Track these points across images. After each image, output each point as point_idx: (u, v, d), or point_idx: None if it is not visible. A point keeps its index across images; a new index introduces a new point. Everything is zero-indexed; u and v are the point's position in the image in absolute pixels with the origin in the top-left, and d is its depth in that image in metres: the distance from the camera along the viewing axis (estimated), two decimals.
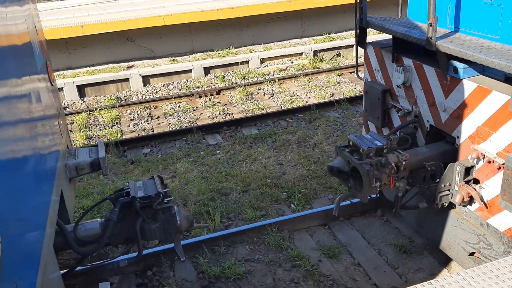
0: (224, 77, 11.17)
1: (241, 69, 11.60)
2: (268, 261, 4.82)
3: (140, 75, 10.82)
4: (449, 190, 3.91)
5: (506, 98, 3.29)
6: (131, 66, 11.33)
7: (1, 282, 1.90)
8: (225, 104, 9.57)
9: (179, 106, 9.53)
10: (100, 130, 8.70)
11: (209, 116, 9.01)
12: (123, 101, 10.15)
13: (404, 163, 3.78)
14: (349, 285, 4.46)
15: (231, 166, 6.84)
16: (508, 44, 3.52)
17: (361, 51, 5.06)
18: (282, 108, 9.12)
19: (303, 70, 11.34)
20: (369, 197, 3.90)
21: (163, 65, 11.34)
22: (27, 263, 2.35)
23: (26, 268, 2.31)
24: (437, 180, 3.98)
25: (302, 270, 4.64)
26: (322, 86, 10.23)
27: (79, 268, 4.36)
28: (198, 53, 12.11)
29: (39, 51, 4.06)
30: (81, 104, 10.24)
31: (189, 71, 11.24)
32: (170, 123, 8.81)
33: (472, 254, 4.04)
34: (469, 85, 3.64)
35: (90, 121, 9.17)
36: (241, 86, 10.26)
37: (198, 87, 10.73)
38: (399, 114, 4.54)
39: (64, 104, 10.07)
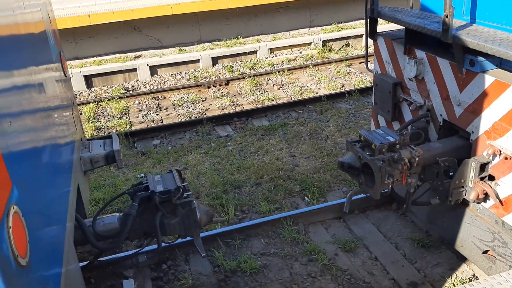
0: (232, 67, 11.05)
1: (250, 59, 11.48)
2: (284, 255, 4.76)
3: (147, 65, 10.71)
4: (463, 186, 3.81)
5: None
6: (138, 56, 11.22)
7: (30, 281, 1.84)
8: (234, 95, 9.47)
9: (187, 97, 9.44)
10: (108, 121, 8.63)
11: (218, 107, 8.91)
12: (131, 92, 10.06)
13: (417, 159, 3.67)
14: (367, 280, 4.40)
15: (243, 158, 6.76)
16: None
17: (370, 42, 4.94)
18: (292, 99, 9.02)
19: (312, 60, 11.21)
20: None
21: (171, 55, 11.22)
22: (52, 261, 2.29)
23: (51, 266, 2.25)
24: (451, 176, 3.88)
25: (319, 264, 4.59)
26: (332, 76, 10.10)
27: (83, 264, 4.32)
28: (205, 43, 11.98)
29: (53, 42, 3.98)
30: (89, 94, 10.16)
31: (197, 61, 11.13)
32: (179, 114, 8.72)
33: (485, 252, 3.95)
34: (486, 78, 3.51)
35: (99, 112, 9.09)
36: (250, 77, 10.14)
37: (206, 78, 10.62)
38: (410, 108, 4.42)
39: None
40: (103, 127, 8.39)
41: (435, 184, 3.90)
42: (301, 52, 11.71)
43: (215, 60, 11.30)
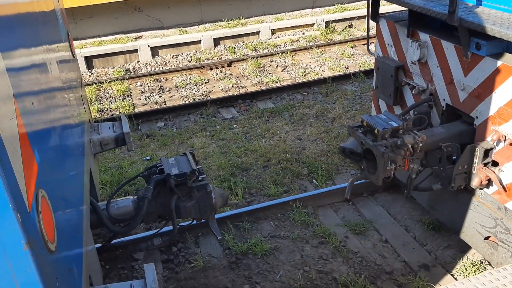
0: (234, 48, 10.90)
1: (252, 40, 11.32)
2: (295, 238, 4.75)
3: (148, 46, 10.55)
4: (466, 172, 3.75)
5: None
6: (139, 37, 11.04)
7: (58, 266, 1.80)
8: (238, 77, 9.36)
9: (190, 79, 9.32)
10: (111, 103, 8.52)
11: (222, 89, 8.81)
12: (132, 73, 9.92)
13: (420, 144, 3.61)
14: (378, 262, 4.41)
15: (250, 140, 6.71)
16: None
17: (373, 24, 4.83)
18: (297, 81, 8.92)
19: (315, 42, 11.07)
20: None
21: (172, 36, 11.05)
22: (74, 245, 2.25)
23: (74, 250, 2.21)
24: (454, 161, 3.82)
25: (330, 246, 4.58)
26: (336, 58, 9.99)
27: (99, 245, 4.29)
28: (207, 24, 11.79)
29: (62, 21, 3.87)
30: (89, 76, 10.01)
31: (199, 42, 10.97)
32: (182, 96, 8.63)
33: (487, 238, 3.92)
34: (492, 62, 3.41)
35: (100, 93, 8.97)
36: (253, 58, 10.01)
37: (208, 59, 10.48)
38: (413, 92, 4.34)
39: None
40: (105, 109, 8.29)
41: (438, 170, 3.84)
42: (304, 33, 11.56)
43: (217, 41, 11.13)
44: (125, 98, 8.70)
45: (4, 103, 1.50)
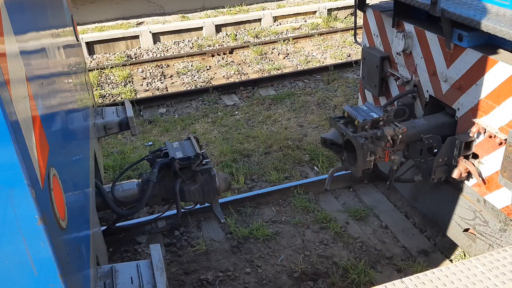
0: (236, 35, 10.88)
1: (254, 27, 11.29)
2: (296, 223, 4.82)
3: (150, 32, 10.52)
4: (446, 164, 3.73)
5: None
6: (140, 23, 11.00)
7: (69, 243, 1.85)
8: (239, 64, 9.36)
9: (191, 65, 9.32)
10: (113, 88, 8.54)
11: (223, 76, 8.82)
12: (134, 59, 9.91)
13: (400, 136, 3.61)
14: (378, 247, 4.47)
15: (251, 127, 6.74)
16: None
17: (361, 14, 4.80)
18: (299, 68, 8.92)
19: (317, 29, 11.04)
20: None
21: (173, 22, 11.01)
22: (82, 224, 2.30)
23: (83, 229, 2.26)
24: (435, 153, 3.81)
25: (331, 232, 4.65)
26: (337, 46, 9.98)
27: (103, 227, 4.35)
28: (209, 10, 11.74)
29: (66, 5, 3.88)
30: (91, 61, 10.00)
31: (200, 28, 10.94)
32: (184, 83, 8.64)
33: (466, 230, 3.94)
34: (474, 54, 3.38)
35: (102, 79, 8.98)
36: (255, 45, 10.00)
37: (209, 46, 10.47)
38: (397, 83, 4.31)
39: None
40: (107, 94, 8.30)
41: (419, 162, 3.82)
42: (306, 21, 11.52)
43: (218, 28, 11.10)
44: (127, 84, 8.71)
45: (18, 84, 1.54)
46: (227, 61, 9.48)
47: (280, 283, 4.12)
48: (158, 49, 10.42)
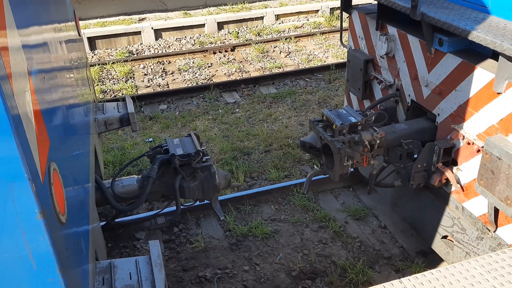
0: (238, 33, 10.86)
1: (256, 25, 11.28)
2: (295, 221, 4.82)
3: (152, 28, 10.51)
4: (426, 170, 3.66)
5: (491, 76, 3.01)
6: (142, 19, 10.99)
7: (68, 238, 1.85)
8: (241, 61, 9.35)
9: (193, 62, 9.31)
10: (114, 84, 8.53)
11: (225, 73, 8.81)
12: (135, 55, 9.90)
13: (378, 141, 3.56)
14: (377, 247, 4.47)
15: (252, 125, 6.74)
16: (497, 16, 3.23)
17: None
18: (300, 67, 8.92)
19: (319, 28, 11.02)
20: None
21: (176, 18, 10.99)
22: (82, 219, 2.30)
23: (82, 224, 2.26)
24: (415, 158, 3.73)
25: (330, 231, 4.65)
26: (339, 45, 9.96)
27: (103, 223, 4.36)
28: (211, 7, 11.72)
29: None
30: (92, 57, 9.99)
31: (202, 25, 10.92)
32: (185, 79, 8.63)
33: (445, 237, 3.88)
34: (454, 59, 3.33)
35: (103, 75, 8.97)
36: (256, 43, 9.99)
37: (211, 43, 10.45)
38: (380, 86, 4.27)
39: None
40: (108, 90, 8.30)
41: (398, 167, 3.76)
42: (308, 20, 11.50)
43: (220, 25, 11.09)
44: (128, 80, 8.70)
45: (20, 78, 1.53)
46: (228, 58, 9.47)
47: (278, 281, 4.13)
48: (160, 45, 10.41)
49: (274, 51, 9.82)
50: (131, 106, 4.33)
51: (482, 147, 3.12)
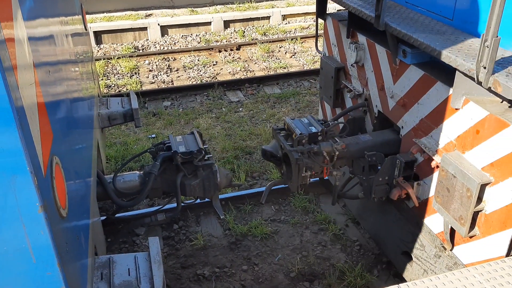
0: (244, 32, 10.86)
1: (262, 25, 11.27)
2: (295, 223, 4.81)
3: (158, 24, 10.51)
4: (388, 183, 3.53)
5: (450, 91, 2.92)
6: (149, 15, 10.99)
7: (68, 232, 1.85)
8: (246, 61, 9.34)
9: (198, 60, 9.31)
10: (118, 79, 8.54)
11: (229, 72, 8.81)
12: (141, 51, 9.90)
13: (337, 152, 3.48)
14: (376, 251, 4.46)
15: (255, 124, 6.74)
16: (460, 29, 3.11)
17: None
18: (305, 68, 8.90)
19: None
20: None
21: (182, 15, 10.99)
22: (82, 214, 2.30)
23: (82, 219, 2.26)
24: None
25: (330, 234, 4.64)
26: None
27: (103, 217, 4.36)
28: (218, 5, 11.72)
29: None
30: (98, 51, 10.00)
31: (209, 23, 10.92)
32: (190, 77, 8.63)
33: (404, 252, 3.78)
34: (416, 72, 3.22)
35: (108, 69, 8.98)
36: (262, 43, 9.98)
37: (217, 41, 10.45)
38: (349, 95, 4.18)
39: None
40: (113, 85, 8.31)
41: (361, 179, 3.66)
42: (314, 21, 11.47)
43: (227, 24, 11.08)
44: (133, 75, 8.71)
45: (25, 71, 1.53)
46: (233, 57, 9.47)
47: (276, 282, 4.12)
48: (166, 42, 10.41)
49: (279, 51, 9.81)
50: (135, 102, 4.32)
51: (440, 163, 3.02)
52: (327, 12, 4.55)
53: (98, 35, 10.27)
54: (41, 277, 1.57)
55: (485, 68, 2.43)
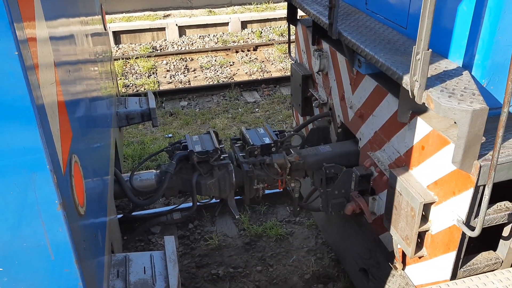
0: (261, 32, 10.86)
1: (279, 26, 11.26)
2: (310, 224, 4.79)
3: (176, 25, 10.58)
4: (345, 197, 3.38)
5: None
6: (167, 15, 11.08)
7: (86, 230, 1.87)
8: (263, 61, 9.34)
9: (215, 60, 9.34)
10: (136, 79, 8.62)
11: (246, 73, 8.82)
12: (159, 51, 9.99)
13: (290, 165, 3.37)
14: None
15: (271, 125, 6.73)
16: (413, 38, 2.88)
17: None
18: None
19: None
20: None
21: (200, 16, 11.05)
22: (100, 211, 2.32)
23: (100, 217, 2.28)
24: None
25: None
26: None
27: (120, 215, 4.40)
28: (235, 6, 11.75)
29: None
30: (116, 51, 10.12)
31: (226, 24, 10.95)
32: (207, 77, 8.67)
33: (362, 269, 3.64)
34: (370, 82, 3.08)
35: (126, 69, 9.08)
36: (279, 44, 9.97)
37: (234, 42, 10.48)
38: (314, 104, 4.04)
39: None
40: (131, 84, 8.39)
41: (320, 191, 3.53)
42: None
43: (244, 24, 11.10)
44: (151, 75, 8.79)
45: (46, 70, 1.55)
46: (250, 57, 9.48)
47: (291, 284, 4.11)
48: (183, 42, 10.48)
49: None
50: (153, 102, 4.36)
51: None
52: (298, 17, 4.39)
53: (117, 35, 10.39)
54: (59, 274, 1.59)
55: (417, 81, 2.22)
